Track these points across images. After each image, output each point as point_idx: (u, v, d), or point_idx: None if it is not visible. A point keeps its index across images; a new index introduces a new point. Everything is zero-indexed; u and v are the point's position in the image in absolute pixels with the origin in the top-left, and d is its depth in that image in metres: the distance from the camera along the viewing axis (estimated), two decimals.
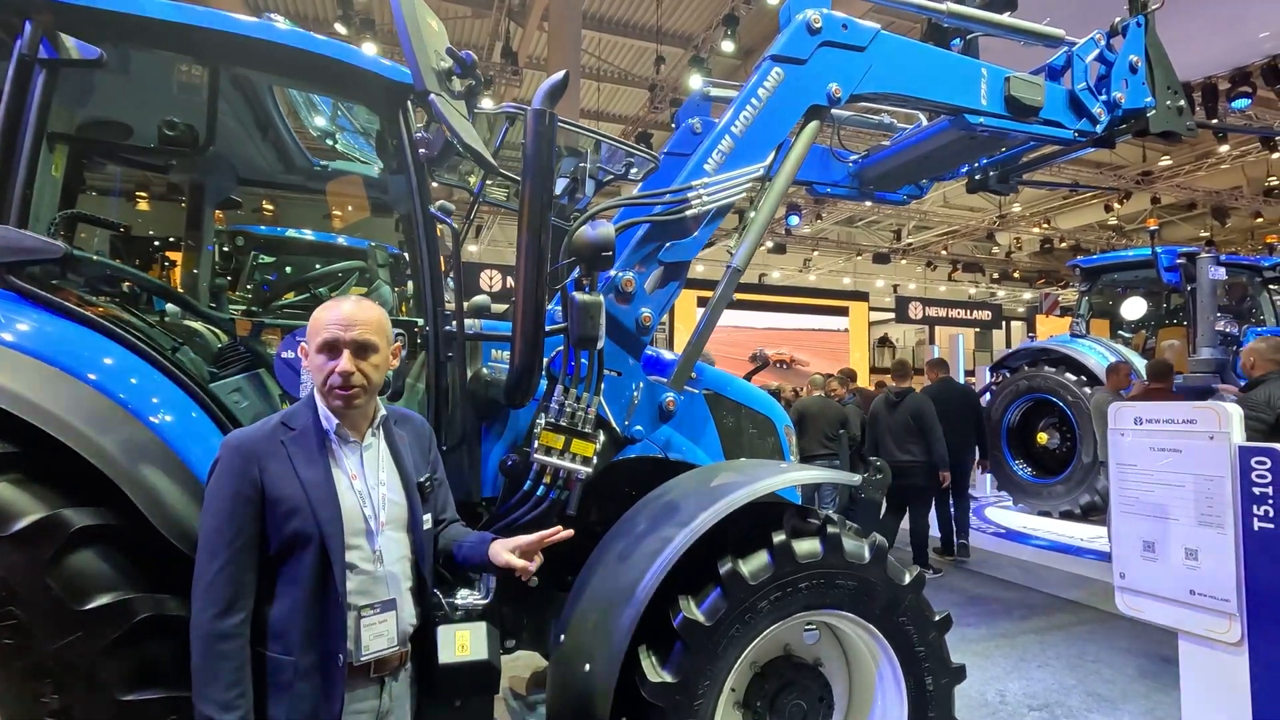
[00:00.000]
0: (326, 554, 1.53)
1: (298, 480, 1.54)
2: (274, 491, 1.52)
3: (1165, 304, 9.84)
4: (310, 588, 1.53)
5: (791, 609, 2.26)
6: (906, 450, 6.23)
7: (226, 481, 1.51)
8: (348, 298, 1.69)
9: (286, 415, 1.63)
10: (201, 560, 1.48)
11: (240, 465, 1.52)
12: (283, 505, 1.52)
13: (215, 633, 1.45)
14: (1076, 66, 3.46)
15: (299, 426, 1.61)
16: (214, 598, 1.46)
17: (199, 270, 3.22)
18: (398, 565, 1.67)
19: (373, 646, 1.60)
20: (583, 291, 2.25)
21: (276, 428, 1.60)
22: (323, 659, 1.54)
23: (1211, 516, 2.02)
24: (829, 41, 2.90)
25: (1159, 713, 3.85)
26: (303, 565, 1.53)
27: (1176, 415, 2.11)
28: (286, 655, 1.51)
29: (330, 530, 1.54)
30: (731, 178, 2.79)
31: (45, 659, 1.60)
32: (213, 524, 1.49)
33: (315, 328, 1.62)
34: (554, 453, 2.40)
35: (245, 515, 1.50)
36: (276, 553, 1.53)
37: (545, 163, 2.09)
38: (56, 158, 2.18)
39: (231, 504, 1.50)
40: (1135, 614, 2.28)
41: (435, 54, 1.96)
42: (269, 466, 1.53)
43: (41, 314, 1.89)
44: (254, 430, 1.59)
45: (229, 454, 1.54)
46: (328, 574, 1.54)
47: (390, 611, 1.64)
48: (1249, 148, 14.71)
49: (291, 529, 1.52)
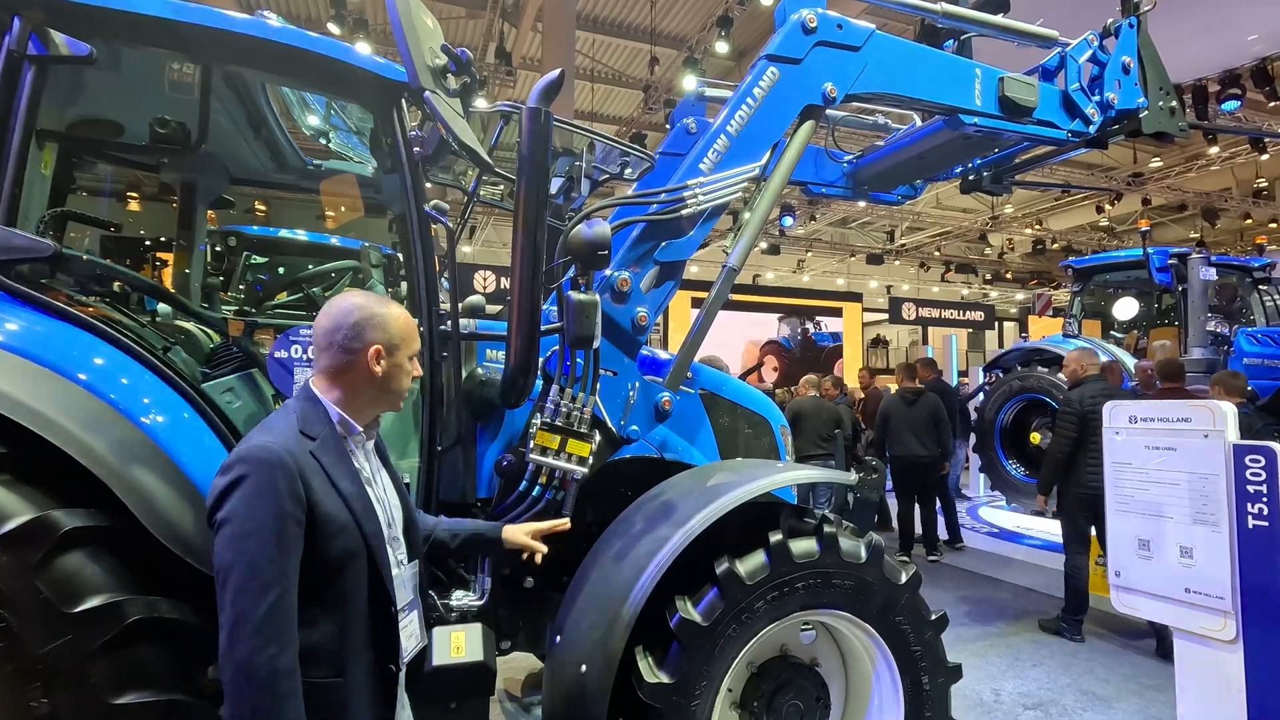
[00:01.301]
0: (376, 567, 1.47)
1: (339, 495, 1.43)
2: (320, 510, 1.39)
3: (1157, 304, 9.91)
4: (361, 603, 1.45)
5: (788, 609, 2.26)
6: (924, 445, 6.66)
7: (269, 503, 1.32)
8: (391, 300, 1.64)
9: (301, 423, 1.46)
10: (249, 595, 1.28)
11: (285, 484, 1.34)
12: (330, 525, 1.40)
13: (276, 671, 1.28)
14: (1070, 67, 3.47)
15: (319, 434, 1.46)
16: (272, 634, 1.28)
17: (191, 270, 3.19)
18: (409, 565, 1.65)
19: (407, 648, 1.58)
20: (579, 291, 2.24)
21: (301, 438, 1.43)
22: (376, 672, 1.48)
23: (1206, 515, 2.03)
24: (824, 41, 2.90)
25: (1152, 710, 3.87)
26: (351, 582, 1.44)
27: (1171, 414, 2.12)
28: (335, 677, 1.41)
29: (377, 543, 1.48)
30: (727, 177, 2.78)
31: (35, 662, 1.58)
32: (260, 552, 1.30)
33: (408, 335, 1.56)
34: (550, 453, 2.39)
35: (295, 540, 1.34)
36: (322, 574, 1.40)
37: (541, 161, 2.08)
38: (46, 155, 2.16)
39: (281, 528, 1.32)
40: (1131, 612, 2.28)
41: (430, 51, 1.95)
42: (311, 482, 1.38)
43: (31, 313, 1.87)
44: (282, 442, 1.39)
45: (268, 471, 1.34)
46: (378, 586, 1.47)
47: (414, 611, 1.64)
48: (1238, 150, 14.82)
49: (340, 548, 1.41)
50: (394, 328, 1.53)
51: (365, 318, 1.51)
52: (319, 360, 1.53)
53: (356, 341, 1.49)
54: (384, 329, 1.51)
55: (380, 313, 1.53)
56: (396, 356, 1.54)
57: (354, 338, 1.49)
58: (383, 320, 1.52)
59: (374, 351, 1.50)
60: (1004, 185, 4.48)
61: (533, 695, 3.77)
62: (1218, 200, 17.66)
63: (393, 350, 1.53)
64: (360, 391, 1.53)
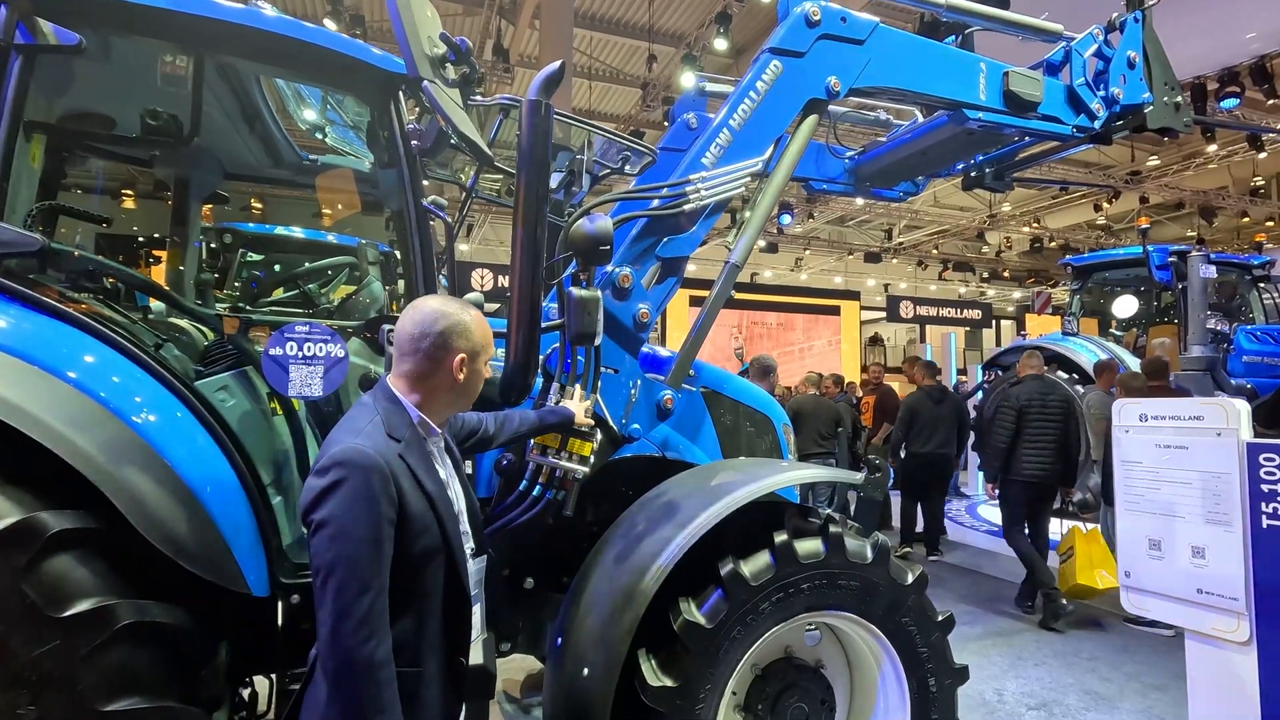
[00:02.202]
0: (454, 563, 1.52)
1: (425, 495, 1.49)
2: (408, 510, 1.45)
3: (1156, 302, 9.89)
4: (438, 598, 1.51)
5: (794, 610, 2.22)
6: (948, 444, 6.82)
7: (368, 505, 1.38)
8: (469, 304, 1.67)
9: (386, 425, 1.50)
10: (350, 593, 1.34)
11: (381, 486, 1.40)
12: (416, 524, 1.46)
13: (380, 663, 1.36)
14: (1075, 62, 3.44)
15: (404, 436, 1.51)
16: (372, 629, 1.35)
17: (184, 266, 3.14)
18: (475, 561, 1.70)
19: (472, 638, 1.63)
20: (580, 287, 2.20)
21: (389, 441, 1.47)
22: (450, 664, 1.54)
23: (1219, 514, 1.99)
24: (828, 34, 2.87)
25: (1156, 711, 3.85)
26: (431, 578, 1.50)
27: (1183, 412, 2.09)
28: (414, 667, 1.47)
29: (457, 542, 1.53)
30: (729, 172, 2.75)
31: (22, 668, 1.53)
32: (360, 553, 1.36)
33: (487, 341, 1.61)
34: (550, 452, 2.35)
35: (389, 539, 1.41)
36: (406, 570, 1.45)
37: (541, 155, 2.03)
38: (34, 147, 2.11)
39: (378, 530, 1.38)
40: (1141, 613, 2.25)
41: (429, 40, 1.90)
42: (402, 484, 1.44)
43: (18, 309, 1.82)
44: (373, 445, 1.44)
45: (365, 475, 1.39)
46: (455, 581, 1.53)
47: (479, 604, 1.68)
48: (1236, 148, 14.82)
49: (423, 545, 1.47)
50: (477, 335, 1.58)
51: (451, 325, 1.55)
52: (401, 364, 1.57)
53: (442, 349, 1.54)
54: (468, 336, 1.56)
55: (465, 320, 1.57)
56: (477, 363, 1.59)
57: (440, 345, 1.53)
58: (467, 328, 1.57)
59: (459, 360, 1.55)
60: (1006, 181, 4.45)
61: (532, 696, 3.73)
62: (1215, 199, 17.67)
63: (475, 357, 1.58)
64: (440, 395, 1.58)
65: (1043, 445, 5.35)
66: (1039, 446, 5.35)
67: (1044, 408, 5.43)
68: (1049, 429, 5.37)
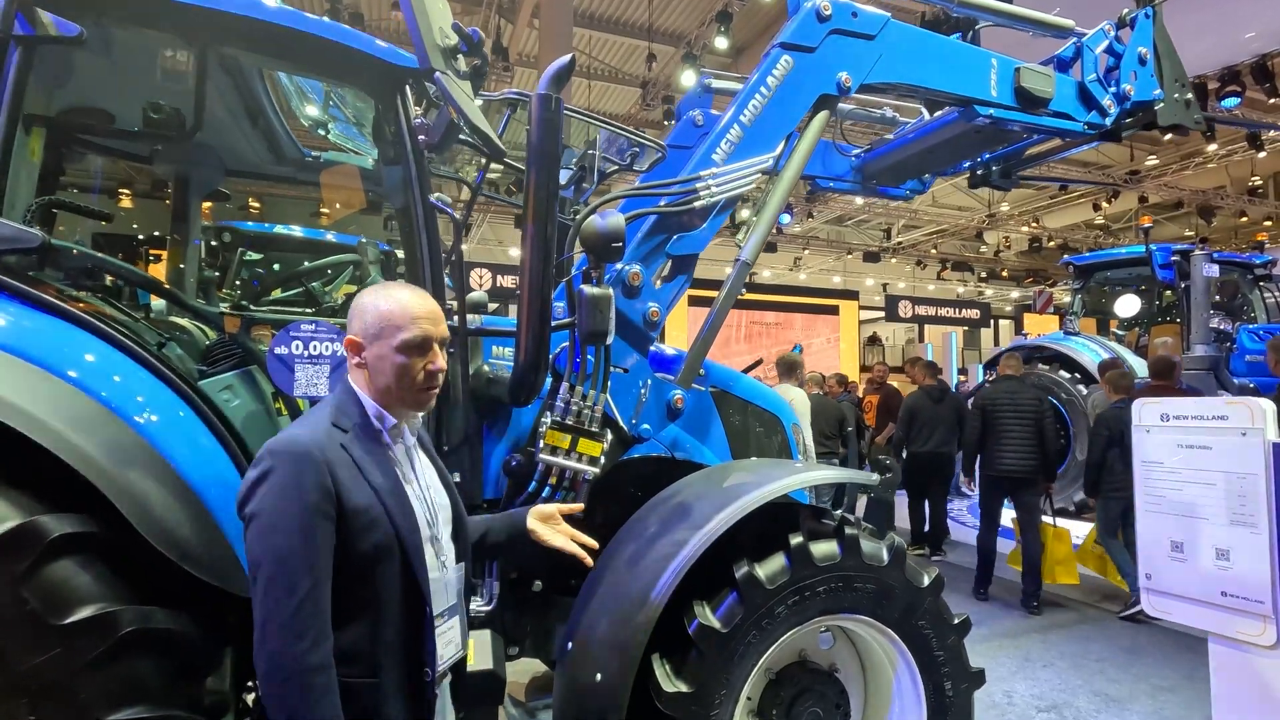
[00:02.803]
0: (409, 566, 1.41)
1: (370, 488, 1.39)
2: (349, 504, 1.35)
3: (1157, 302, 9.88)
4: (394, 603, 1.40)
5: (809, 613, 2.18)
6: (948, 443, 6.84)
7: (297, 496, 1.30)
8: (403, 285, 1.53)
9: (334, 415, 1.43)
10: (280, 589, 1.26)
11: (312, 476, 1.31)
12: (360, 519, 1.36)
13: (311, 667, 1.25)
14: (1086, 58, 3.40)
15: (352, 427, 1.43)
16: (301, 630, 1.26)
17: (185, 264, 3.09)
18: (455, 569, 1.58)
19: (444, 656, 1.49)
20: (591, 284, 2.16)
21: (331, 430, 1.40)
22: (411, 677, 1.42)
23: (1245, 515, 1.96)
24: (839, 29, 2.83)
25: (1166, 713, 3.82)
26: (384, 580, 1.39)
27: (1206, 411, 2.05)
28: (369, 677, 1.37)
29: (411, 541, 1.42)
30: (740, 168, 2.71)
31: (22, 677, 1.48)
32: (287, 546, 1.28)
33: (398, 322, 1.43)
34: (560, 452, 2.31)
35: (325, 533, 1.31)
36: (354, 570, 1.36)
37: (551, 149, 1.99)
38: (33, 142, 2.06)
39: (311, 521, 1.30)
40: (1163, 616, 2.21)
41: (440, 31, 1.86)
42: (339, 475, 1.35)
43: (17, 307, 1.77)
44: (310, 434, 1.37)
45: (294, 464, 1.32)
46: (412, 587, 1.42)
47: (455, 617, 1.55)
48: (1235, 147, 14.82)
49: (370, 544, 1.37)
50: (369, 318, 1.44)
51: (351, 311, 1.46)
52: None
53: (350, 337, 1.46)
54: (361, 318, 1.45)
55: (362, 303, 1.46)
56: (377, 348, 1.44)
57: (349, 333, 1.47)
58: (361, 311, 1.46)
59: (349, 343, 1.46)
60: (1013, 179, 4.42)
61: (538, 700, 3.69)
62: (1213, 198, 17.69)
63: (373, 340, 1.44)
64: (373, 384, 1.47)
65: (1009, 442, 5.59)
66: (1006, 443, 5.60)
67: (1015, 406, 5.64)
68: (1017, 426, 5.59)
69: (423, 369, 1.45)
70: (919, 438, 6.90)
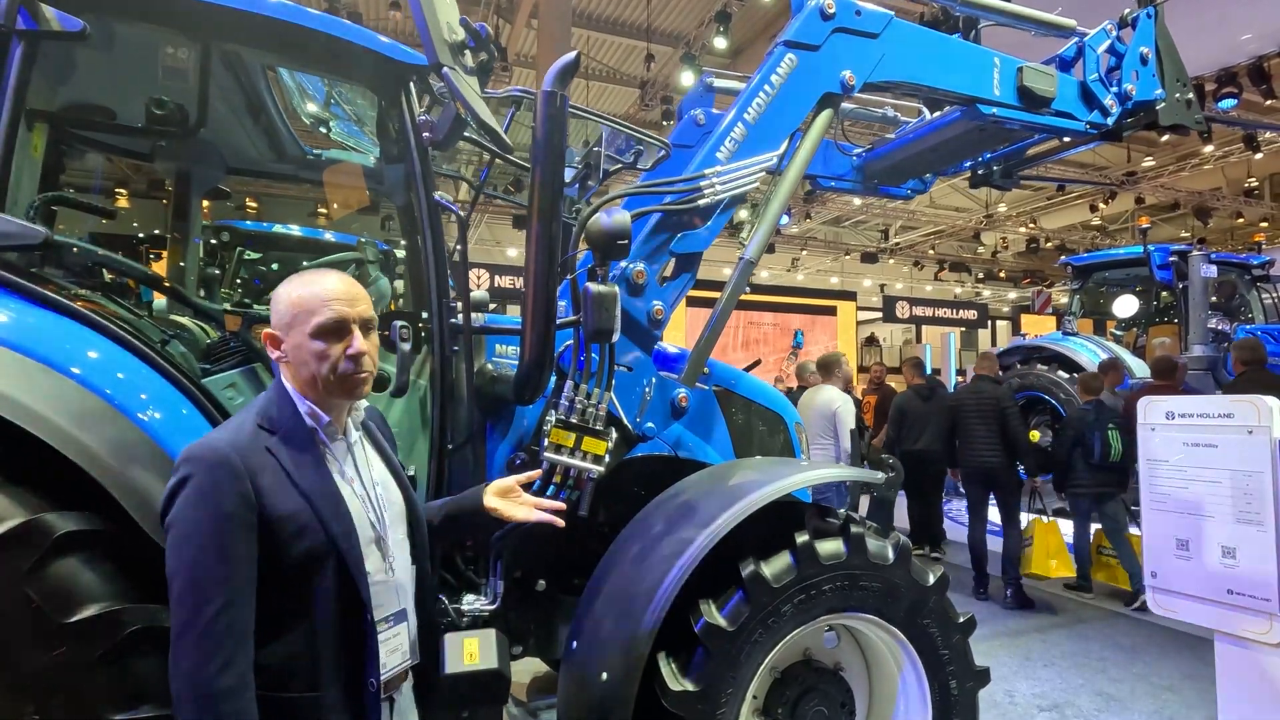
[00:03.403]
0: (346, 572, 1.34)
1: (298, 492, 1.32)
2: (275, 511, 1.29)
3: (1155, 302, 9.91)
4: (332, 612, 1.33)
5: (815, 612, 2.18)
6: (937, 441, 6.84)
7: (212, 505, 1.24)
8: (322, 271, 1.43)
9: (260, 416, 1.37)
10: (188, 604, 1.21)
11: (229, 483, 1.25)
12: (288, 526, 1.29)
13: (222, 690, 1.19)
14: (1088, 57, 3.41)
15: (280, 428, 1.36)
16: (212, 649, 1.20)
17: (186, 262, 3.08)
18: (405, 572, 1.51)
19: (389, 664, 1.42)
20: (596, 282, 2.15)
21: (255, 432, 1.34)
22: (354, 688, 1.35)
23: (1251, 513, 1.96)
24: (842, 27, 2.83)
25: (1168, 712, 3.82)
26: (319, 588, 1.32)
27: (1212, 409, 2.05)
28: (310, 692, 1.31)
29: (347, 545, 1.34)
30: (744, 166, 2.71)
31: (27, 675, 1.47)
32: (200, 560, 1.22)
33: (307, 307, 1.35)
34: (564, 451, 2.30)
35: (242, 544, 1.25)
36: (285, 580, 1.30)
37: (557, 147, 1.98)
38: (36, 138, 2.05)
39: (224, 533, 1.24)
40: (1168, 614, 2.21)
41: (447, 25, 1.85)
42: (262, 482, 1.29)
43: (20, 303, 1.76)
44: (231, 438, 1.32)
45: (210, 471, 1.25)
46: (350, 593, 1.34)
47: (403, 623, 1.48)
48: (1231, 149, 14.88)
49: (302, 551, 1.30)
50: (281, 307, 1.38)
51: (271, 302, 1.41)
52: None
53: (267, 328, 1.40)
54: (274, 310, 1.39)
55: (276, 293, 1.40)
56: (292, 337, 1.37)
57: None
58: (274, 300, 1.40)
59: (266, 336, 1.40)
60: (1014, 179, 4.43)
61: (540, 700, 3.68)
62: (1210, 199, 17.75)
63: (286, 330, 1.38)
64: (299, 378, 1.40)
65: (976, 438, 5.97)
66: (973, 440, 6.00)
67: (978, 405, 6.00)
68: (980, 424, 5.93)
69: (342, 353, 1.36)
70: (909, 436, 6.94)
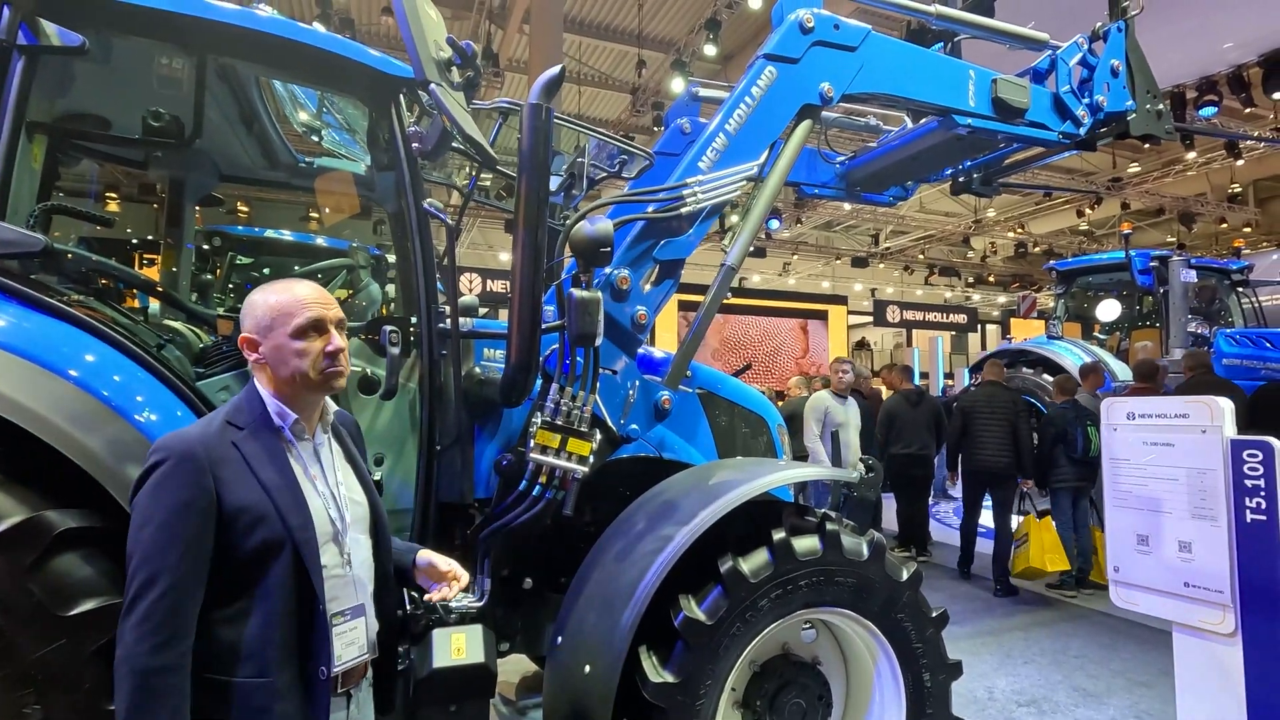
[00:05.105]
0: (301, 563, 1.39)
1: (259, 485, 1.39)
2: (233, 501, 1.35)
3: (1138, 306, 10.04)
4: (285, 600, 1.39)
5: (791, 607, 2.25)
6: (926, 445, 7.08)
7: (170, 493, 1.31)
8: (292, 279, 1.54)
9: (230, 412, 1.45)
10: (136, 585, 1.28)
11: (190, 473, 1.33)
12: (245, 516, 1.36)
13: (154, 668, 1.25)
14: (1060, 69, 3.52)
15: (248, 424, 1.44)
16: (151, 629, 1.25)
17: (179, 268, 3.13)
18: (363, 568, 1.56)
19: (345, 656, 1.47)
20: (580, 288, 2.22)
21: (223, 427, 1.42)
22: (304, 675, 1.40)
23: (1204, 509, 2.05)
24: (821, 41, 2.92)
25: (1143, 706, 3.91)
26: (274, 577, 1.38)
27: (1169, 409, 2.14)
28: (261, 677, 1.36)
29: (303, 537, 1.40)
30: (725, 176, 2.79)
31: (28, 667, 1.54)
32: (152, 543, 1.29)
33: (286, 310, 1.45)
34: (550, 452, 2.37)
35: (195, 531, 1.31)
36: (241, 568, 1.37)
37: (542, 158, 2.06)
38: (36, 149, 2.11)
39: (178, 519, 1.30)
40: (1130, 607, 2.30)
41: (434, 44, 1.93)
42: (223, 473, 1.36)
43: (20, 308, 1.82)
44: (197, 432, 1.40)
45: (173, 460, 1.33)
46: (304, 584, 1.40)
47: (360, 618, 1.52)
48: (1214, 155, 15.10)
49: (258, 540, 1.37)
50: (259, 312, 1.47)
51: (243, 309, 1.49)
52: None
53: (242, 334, 1.48)
54: (250, 316, 1.47)
55: (251, 300, 1.49)
56: (272, 339, 1.46)
57: (242, 330, 1.48)
58: (249, 308, 1.48)
59: (243, 341, 1.48)
60: (994, 186, 4.54)
61: (528, 698, 3.73)
62: (1194, 205, 17.99)
63: (265, 334, 1.46)
64: (276, 378, 1.48)
65: (986, 440, 6.15)
66: (984, 442, 6.17)
67: (991, 408, 6.17)
68: (993, 426, 6.12)
69: (321, 350, 1.46)
70: (899, 440, 7.09)
